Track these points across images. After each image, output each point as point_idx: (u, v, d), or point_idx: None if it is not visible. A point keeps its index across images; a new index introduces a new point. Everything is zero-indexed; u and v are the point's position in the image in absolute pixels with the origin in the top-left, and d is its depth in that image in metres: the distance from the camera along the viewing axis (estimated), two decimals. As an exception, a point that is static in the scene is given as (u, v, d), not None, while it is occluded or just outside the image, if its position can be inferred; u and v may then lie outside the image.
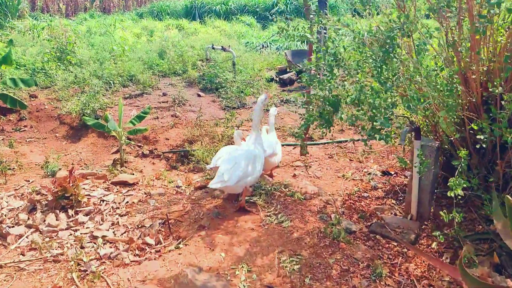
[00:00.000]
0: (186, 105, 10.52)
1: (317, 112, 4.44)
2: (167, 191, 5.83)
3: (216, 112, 10.05)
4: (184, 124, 9.29)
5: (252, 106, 10.38)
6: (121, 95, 11.21)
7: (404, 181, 5.69)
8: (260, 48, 15.39)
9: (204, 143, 8.28)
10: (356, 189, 5.43)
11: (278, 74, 12.19)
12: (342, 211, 4.84)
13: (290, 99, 10.66)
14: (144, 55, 13.74)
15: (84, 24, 19.84)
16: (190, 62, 13.22)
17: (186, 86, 11.91)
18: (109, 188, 5.78)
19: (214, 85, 11.44)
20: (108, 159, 8.47)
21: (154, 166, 8.26)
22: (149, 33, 18.24)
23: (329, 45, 4.71)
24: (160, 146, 8.71)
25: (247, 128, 8.94)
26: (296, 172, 6.05)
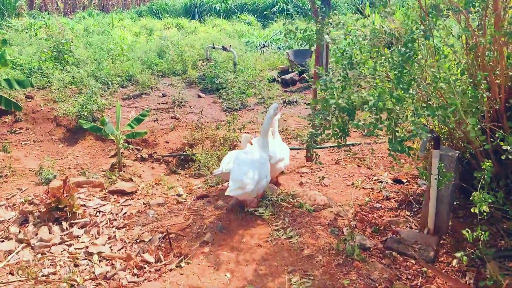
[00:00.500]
0: (186, 106, 10.15)
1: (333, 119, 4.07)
2: (167, 200, 5.47)
3: (217, 114, 9.69)
4: (184, 127, 8.93)
5: (254, 108, 10.02)
6: (120, 96, 10.84)
7: (417, 189, 5.34)
8: (261, 48, 15.02)
9: (206, 147, 7.93)
10: (368, 199, 5.08)
11: (280, 74, 11.83)
12: (355, 225, 4.49)
13: (293, 100, 10.30)
14: (143, 54, 13.37)
15: (82, 23, 19.42)
16: (190, 62, 12.85)
17: (186, 86, 11.54)
18: (106, 197, 5.42)
19: (214, 86, 11.08)
20: (106, 163, 8.10)
21: (154, 170, 7.90)
22: (148, 32, 17.84)
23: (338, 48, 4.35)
24: (159, 150, 8.35)
25: (248, 131, 8.59)
26: (303, 179, 5.70)
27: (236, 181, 4.35)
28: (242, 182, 4.31)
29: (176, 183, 7.37)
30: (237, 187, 4.32)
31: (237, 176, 4.38)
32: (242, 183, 4.30)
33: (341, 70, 4.19)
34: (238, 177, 4.36)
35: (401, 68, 3.65)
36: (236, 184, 4.34)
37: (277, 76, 11.74)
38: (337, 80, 4.17)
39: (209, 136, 8.19)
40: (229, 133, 8.01)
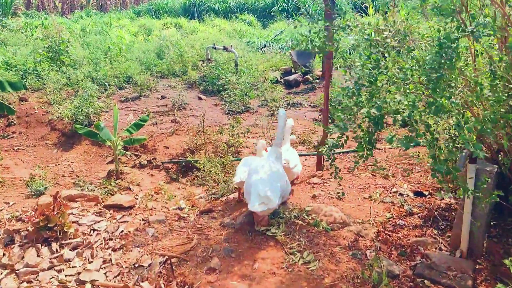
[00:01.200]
0: (187, 109, 9.60)
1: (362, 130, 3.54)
2: (168, 215, 4.92)
3: (219, 117, 9.14)
4: (185, 131, 8.38)
5: (257, 111, 9.48)
6: (117, 98, 10.28)
7: (440, 203, 4.82)
8: (262, 48, 14.46)
9: (208, 153, 7.38)
10: (389, 215, 4.55)
11: (283, 76, 11.28)
12: (378, 246, 3.96)
13: (297, 102, 9.76)
14: (141, 55, 12.80)
15: (80, 23, 18.80)
16: (190, 63, 12.29)
17: (186, 88, 10.97)
18: (102, 213, 4.86)
19: (216, 88, 10.52)
20: (102, 170, 7.55)
21: (153, 178, 7.35)
22: (147, 32, 17.24)
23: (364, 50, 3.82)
24: (159, 155, 7.80)
25: (253, 135, 8.05)
26: (315, 191, 5.16)
27: (259, 196, 3.89)
28: (267, 198, 3.88)
29: (177, 192, 6.84)
30: (261, 202, 3.87)
31: (261, 191, 3.91)
32: (266, 199, 3.87)
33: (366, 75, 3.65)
34: (262, 192, 3.90)
35: (439, 73, 3.12)
36: (260, 199, 3.88)
37: (280, 77, 11.20)
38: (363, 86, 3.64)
39: (211, 141, 7.64)
40: (232, 138, 7.47)
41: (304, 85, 11.05)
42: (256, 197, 3.90)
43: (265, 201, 3.86)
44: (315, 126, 8.50)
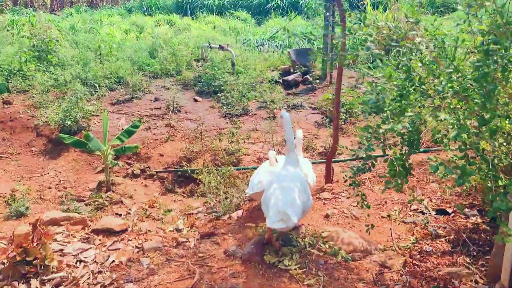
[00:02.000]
0: (182, 112, 8.97)
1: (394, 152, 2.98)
2: (164, 240, 4.32)
3: (216, 121, 8.54)
4: (180, 136, 7.76)
5: (256, 113, 8.89)
6: (108, 100, 9.62)
7: (467, 223, 4.29)
8: (258, 46, 13.84)
9: (206, 161, 6.79)
10: (413, 239, 4.01)
11: (282, 75, 10.68)
12: (407, 280, 3.42)
13: (297, 104, 9.17)
14: (133, 54, 12.10)
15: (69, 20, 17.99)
16: (184, 62, 11.64)
17: (181, 89, 10.33)
18: (89, 238, 4.25)
19: (212, 88, 9.90)
20: (92, 180, 6.93)
21: (147, 189, 6.75)
22: (139, 29, 16.51)
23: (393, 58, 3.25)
24: (153, 164, 7.18)
25: (253, 141, 7.47)
26: (328, 209, 4.60)
27: (279, 212, 3.42)
28: (286, 214, 3.40)
29: (173, 205, 6.26)
30: (280, 219, 3.41)
31: (280, 206, 3.45)
32: (286, 215, 3.40)
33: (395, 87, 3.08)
34: (281, 207, 3.43)
35: (491, 86, 2.56)
36: (278, 215, 3.42)
37: (278, 77, 10.59)
38: (391, 100, 3.08)
39: (209, 148, 7.05)
40: (232, 145, 6.88)
41: (304, 85, 10.47)
42: (275, 213, 3.44)
43: (284, 217, 3.40)
44: (318, 130, 7.94)
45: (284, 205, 3.44)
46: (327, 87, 10.15)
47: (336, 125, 5.13)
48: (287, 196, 3.53)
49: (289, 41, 13.64)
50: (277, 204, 3.47)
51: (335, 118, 5.10)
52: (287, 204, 3.46)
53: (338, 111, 5.09)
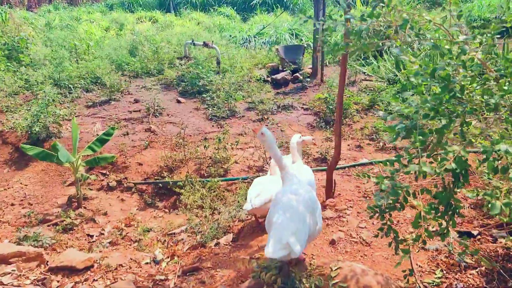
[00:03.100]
0: (163, 114, 8.11)
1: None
2: (138, 280, 3.49)
3: (201, 124, 7.70)
4: (161, 142, 6.91)
5: (244, 115, 8.07)
6: (83, 102, 8.69)
7: (496, 247, 3.57)
8: (244, 43, 13.00)
9: (189, 170, 5.97)
10: (439, 272, 3.27)
11: (270, 74, 9.88)
12: (442, 333, 2.68)
13: (288, 104, 8.39)
14: (112, 52, 11.15)
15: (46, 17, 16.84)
16: (167, 60, 10.74)
17: (163, 89, 9.46)
18: (45, 280, 3.38)
19: (196, 88, 9.05)
20: (62, 194, 6.04)
21: (124, 203, 5.90)
22: (119, 26, 15.48)
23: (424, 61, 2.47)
24: (131, 174, 6.32)
25: (242, 147, 6.66)
26: (333, 233, 3.84)
27: (280, 243, 2.77)
28: (288, 245, 2.75)
29: (152, 223, 5.45)
30: (281, 247, 2.76)
31: (282, 233, 2.80)
32: (288, 246, 2.75)
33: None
34: (283, 235, 2.79)
35: None
36: (279, 245, 2.76)
37: (266, 75, 9.79)
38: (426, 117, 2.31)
39: (194, 156, 6.22)
40: (219, 152, 6.06)
41: (294, 84, 9.68)
42: (275, 242, 2.78)
43: (286, 248, 2.76)
44: (312, 133, 7.18)
45: (286, 231, 2.80)
46: (318, 86, 9.39)
47: (338, 131, 4.35)
48: (290, 223, 2.87)
49: (276, 37, 12.83)
50: (279, 232, 2.82)
51: (337, 123, 4.33)
52: (290, 233, 2.80)
53: (341, 115, 4.32)
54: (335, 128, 4.36)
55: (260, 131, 3.27)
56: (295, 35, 12.95)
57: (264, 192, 3.87)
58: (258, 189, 3.95)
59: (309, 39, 12.62)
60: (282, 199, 3.05)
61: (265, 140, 3.30)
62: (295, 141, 4.24)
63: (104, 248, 4.43)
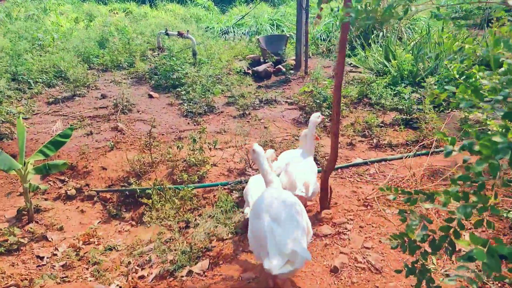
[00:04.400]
0: (133, 111, 7.17)
1: None
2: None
3: (175, 121, 6.79)
4: (129, 143, 5.99)
5: (223, 111, 7.20)
6: (44, 99, 7.67)
7: (535, 270, 2.84)
8: (223, 34, 12.08)
9: (161, 176, 5.09)
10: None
11: (251, 66, 9.02)
12: None
13: (271, 98, 7.56)
14: (80, 44, 10.08)
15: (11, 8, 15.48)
16: (139, 52, 9.75)
17: (134, 83, 8.50)
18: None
19: (170, 82, 8.12)
20: (11, 205, 5.08)
21: (84, 215, 4.98)
22: (90, 18, 14.31)
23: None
24: (93, 181, 5.39)
25: (221, 147, 5.80)
26: (334, 257, 3.04)
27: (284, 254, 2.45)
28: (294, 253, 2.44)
29: (117, 239, 4.55)
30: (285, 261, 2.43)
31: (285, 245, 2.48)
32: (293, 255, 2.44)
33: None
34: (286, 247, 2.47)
35: None
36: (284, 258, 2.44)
37: (247, 67, 8.93)
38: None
39: (165, 159, 5.33)
40: (194, 154, 5.18)
41: (276, 76, 8.85)
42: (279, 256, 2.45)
43: (291, 258, 2.44)
44: (298, 130, 6.36)
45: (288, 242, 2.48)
46: (302, 78, 8.59)
47: (335, 129, 3.54)
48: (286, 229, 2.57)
49: (257, 28, 11.96)
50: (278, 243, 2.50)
51: (334, 120, 3.51)
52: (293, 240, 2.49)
53: (339, 113, 3.50)
54: (332, 125, 3.54)
55: (252, 148, 3.14)
56: (276, 26, 12.12)
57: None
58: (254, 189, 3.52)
59: (290, 29, 11.81)
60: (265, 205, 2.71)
61: (256, 157, 3.10)
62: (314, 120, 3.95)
63: (53, 279, 3.52)
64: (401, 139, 5.85)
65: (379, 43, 9.54)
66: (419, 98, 6.71)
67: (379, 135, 5.93)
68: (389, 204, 3.92)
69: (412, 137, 5.76)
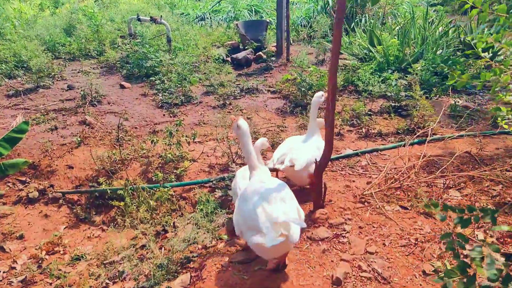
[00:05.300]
0: (103, 102, 6.58)
1: None
2: None
3: (149, 113, 6.25)
4: (99, 138, 5.42)
5: (202, 101, 6.70)
6: (3, 91, 6.97)
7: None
8: (199, 21, 11.47)
9: (134, 174, 4.58)
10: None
11: (230, 53, 8.50)
12: None
13: (252, 87, 7.09)
14: (45, 32, 9.32)
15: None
16: (109, 40, 9.09)
17: (104, 73, 7.87)
18: None
19: (143, 71, 7.53)
20: (-36, 212, 4.48)
21: (48, 221, 4.44)
22: (55, 4, 13.42)
23: None
24: (59, 181, 4.82)
25: (201, 140, 5.33)
26: (335, 265, 2.64)
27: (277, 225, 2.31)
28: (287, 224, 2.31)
29: (86, 247, 4.05)
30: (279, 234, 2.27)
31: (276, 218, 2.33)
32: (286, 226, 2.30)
33: None
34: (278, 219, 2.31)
35: None
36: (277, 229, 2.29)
37: (226, 55, 8.41)
38: None
39: (139, 155, 4.82)
40: (170, 149, 4.69)
41: (257, 64, 8.38)
42: (269, 227, 2.31)
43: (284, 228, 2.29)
44: (283, 120, 5.94)
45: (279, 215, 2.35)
46: (284, 66, 8.15)
47: (331, 120, 3.11)
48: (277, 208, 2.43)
49: (235, 13, 11.41)
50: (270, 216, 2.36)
51: (329, 110, 3.08)
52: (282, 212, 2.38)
53: (334, 100, 3.07)
54: (327, 115, 3.12)
55: (235, 123, 2.77)
56: (255, 12, 11.59)
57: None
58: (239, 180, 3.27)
59: (269, 15, 11.31)
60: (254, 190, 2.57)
61: (240, 134, 2.78)
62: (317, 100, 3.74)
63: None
64: (391, 128, 5.50)
65: (363, 28, 9.18)
66: (406, 85, 6.38)
67: (368, 124, 5.57)
68: (388, 200, 3.55)
69: (403, 125, 5.43)
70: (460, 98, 6.37)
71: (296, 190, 3.86)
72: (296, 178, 3.65)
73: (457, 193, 3.72)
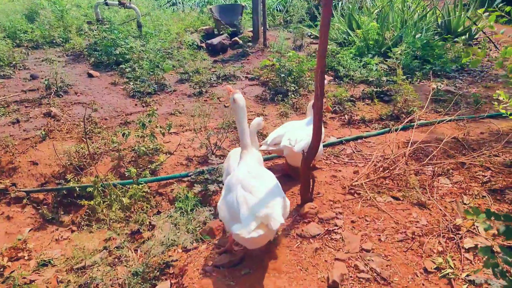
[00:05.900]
0: (70, 93, 6.11)
1: None
2: None
3: (120, 103, 5.84)
4: (65, 131, 5.00)
5: (176, 89, 6.33)
6: (-42, 82, 6.39)
7: None
8: (171, 6, 10.97)
9: (104, 170, 4.22)
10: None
11: (205, 39, 8.12)
12: None
13: (229, 74, 6.76)
14: (4, 18, 8.65)
15: None
16: (75, 26, 8.51)
17: (70, 61, 7.35)
18: None
19: (113, 59, 7.07)
20: None
21: (10, 223, 4.04)
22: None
23: None
24: (22, 179, 4.40)
25: (176, 131, 4.99)
26: (331, 268, 2.41)
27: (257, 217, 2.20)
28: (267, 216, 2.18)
29: (54, 250, 3.69)
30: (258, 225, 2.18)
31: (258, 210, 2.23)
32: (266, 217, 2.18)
33: None
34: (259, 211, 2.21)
35: None
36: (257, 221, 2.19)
37: (200, 41, 8.02)
38: None
39: (110, 148, 4.45)
40: (144, 142, 4.34)
41: (233, 49, 8.03)
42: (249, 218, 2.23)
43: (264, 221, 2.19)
44: (263, 108, 5.66)
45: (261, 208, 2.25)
46: (262, 51, 7.84)
47: (319, 107, 2.84)
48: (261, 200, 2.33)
49: (208, -3, 10.97)
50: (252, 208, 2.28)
51: (318, 96, 2.81)
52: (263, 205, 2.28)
53: (323, 85, 2.81)
54: (315, 101, 2.85)
55: (232, 96, 2.70)
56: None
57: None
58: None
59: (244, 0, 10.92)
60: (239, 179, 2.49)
61: (235, 108, 2.70)
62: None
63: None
64: (374, 114, 5.32)
65: (341, 13, 8.94)
66: (387, 69, 6.20)
67: (351, 111, 5.37)
68: (379, 191, 3.34)
69: (386, 111, 5.25)
70: (442, 82, 6.25)
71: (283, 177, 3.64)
72: (294, 160, 3.47)
73: (447, 180, 3.55)
